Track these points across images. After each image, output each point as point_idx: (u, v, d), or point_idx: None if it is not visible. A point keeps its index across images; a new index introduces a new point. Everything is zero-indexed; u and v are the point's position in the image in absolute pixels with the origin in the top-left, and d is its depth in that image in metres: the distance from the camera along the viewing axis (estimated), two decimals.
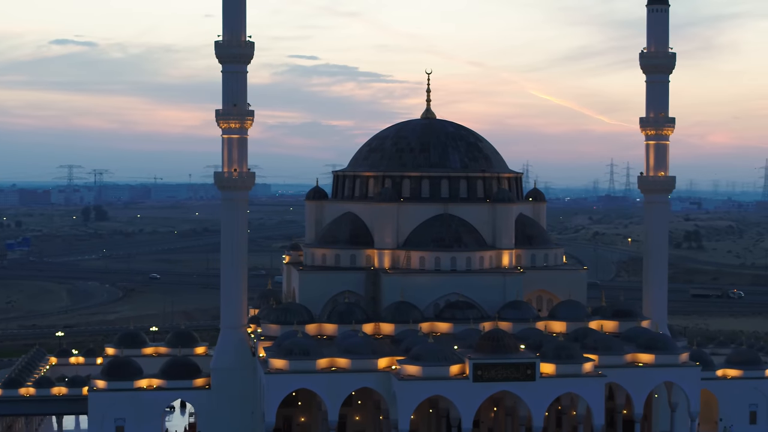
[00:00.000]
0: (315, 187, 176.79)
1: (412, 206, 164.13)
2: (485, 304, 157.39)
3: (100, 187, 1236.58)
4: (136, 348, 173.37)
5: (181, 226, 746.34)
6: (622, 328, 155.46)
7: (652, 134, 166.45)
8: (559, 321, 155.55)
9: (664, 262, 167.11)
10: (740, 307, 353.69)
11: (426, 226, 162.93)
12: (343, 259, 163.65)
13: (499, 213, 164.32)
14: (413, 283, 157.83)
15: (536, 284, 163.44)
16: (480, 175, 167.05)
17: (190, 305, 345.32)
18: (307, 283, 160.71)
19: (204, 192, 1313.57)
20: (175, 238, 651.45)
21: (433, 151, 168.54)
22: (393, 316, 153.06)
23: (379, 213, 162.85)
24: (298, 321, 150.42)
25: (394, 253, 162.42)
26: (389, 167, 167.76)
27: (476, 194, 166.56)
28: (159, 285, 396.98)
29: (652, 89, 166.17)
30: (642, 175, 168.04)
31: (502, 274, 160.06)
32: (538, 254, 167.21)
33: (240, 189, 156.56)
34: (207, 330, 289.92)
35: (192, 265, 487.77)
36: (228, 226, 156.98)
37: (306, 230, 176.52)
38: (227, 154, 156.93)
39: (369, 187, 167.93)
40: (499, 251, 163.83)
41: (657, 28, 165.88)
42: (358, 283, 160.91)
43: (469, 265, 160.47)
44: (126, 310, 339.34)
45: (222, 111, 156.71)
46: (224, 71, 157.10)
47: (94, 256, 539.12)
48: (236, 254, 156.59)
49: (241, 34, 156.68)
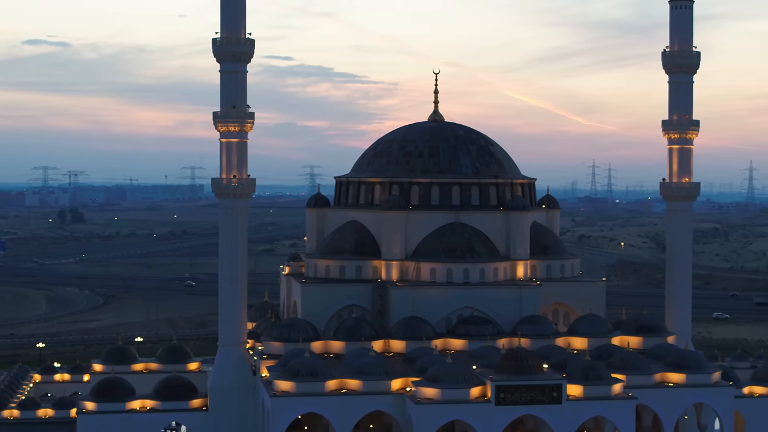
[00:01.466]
0: (316, 193, 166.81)
1: (422, 214, 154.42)
2: (500, 319, 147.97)
3: (75, 189, 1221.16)
4: (125, 364, 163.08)
5: (159, 229, 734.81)
6: (646, 345, 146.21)
7: (675, 138, 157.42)
8: (580, 337, 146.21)
9: (688, 273, 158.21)
10: (740, 313, 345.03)
11: (436, 236, 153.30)
12: (348, 270, 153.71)
13: (514, 221, 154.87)
14: (424, 297, 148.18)
15: (552, 297, 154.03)
16: (493, 181, 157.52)
17: (173, 312, 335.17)
18: (310, 296, 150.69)
19: (180, 193, 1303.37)
20: (154, 242, 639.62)
21: (443, 155, 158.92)
22: (404, 333, 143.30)
23: (387, 222, 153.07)
24: (302, 338, 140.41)
25: (403, 265, 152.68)
26: (396, 173, 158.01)
27: (489, 201, 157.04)
28: (140, 291, 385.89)
29: (676, 90, 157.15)
30: (664, 181, 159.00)
31: (518, 286, 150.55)
32: (554, 265, 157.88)
33: (240, 197, 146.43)
34: (193, 339, 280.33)
35: (172, 270, 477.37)
36: (227, 236, 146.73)
37: (307, 240, 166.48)
38: (226, 159, 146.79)
39: (375, 194, 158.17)
40: (514, 262, 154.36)
41: (680, 25, 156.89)
42: (365, 297, 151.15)
43: (482, 277, 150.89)
44: (107, 317, 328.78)
45: (220, 113, 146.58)
46: (222, 71, 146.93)
47: (71, 260, 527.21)
48: (236, 266, 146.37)
49: (241, 31, 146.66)
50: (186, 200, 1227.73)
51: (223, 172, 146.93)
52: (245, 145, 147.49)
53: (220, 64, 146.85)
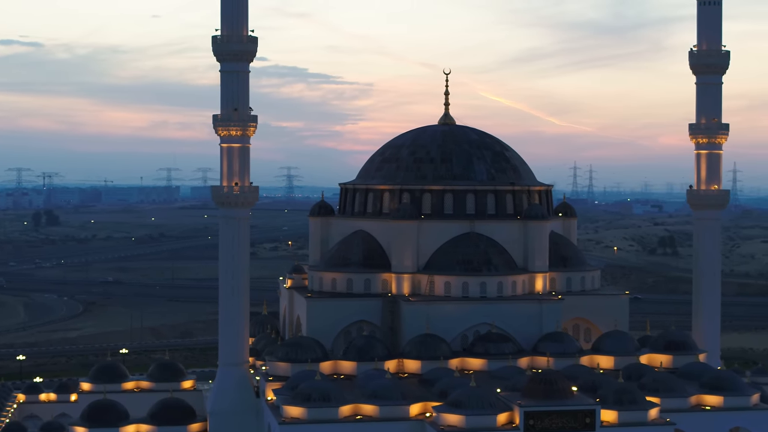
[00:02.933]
0: (320, 201, 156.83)
1: (434, 224, 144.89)
2: (519, 336, 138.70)
3: (50, 190, 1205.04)
4: (115, 383, 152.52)
5: (136, 232, 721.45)
6: (677, 363, 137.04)
7: (703, 143, 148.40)
8: (606, 355, 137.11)
9: (717, 286, 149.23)
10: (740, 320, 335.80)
11: (450, 247, 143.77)
12: (356, 284, 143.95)
13: (532, 231, 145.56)
14: (438, 312, 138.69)
15: (572, 311, 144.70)
16: (509, 188, 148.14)
17: (156, 320, 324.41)
18: (316, 311, 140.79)
19: (156, 195, 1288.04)
20: (132, 245, 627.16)
21: (456, 161, 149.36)
22: (419, 352, 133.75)
23: (397, 232, 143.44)
24: (311, 358, 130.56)
25: (415, 278, 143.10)
26: (406, 179, 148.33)
27: (505, 210, 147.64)
28: (121, 298, 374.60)
29: (704, 92, 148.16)
30: (692, 188, 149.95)
31: (538, 301, 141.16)
32: (574, 277, 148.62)
33: (242, 206, 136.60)
34: (179, 350, 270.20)
35: (152, 274, 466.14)
36: (227, 248, 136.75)
37: (310, 250, 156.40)
38: (227, 166, 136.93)
39: (383, 202, 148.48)
40: (532, 275, 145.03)
41: (708, 23, 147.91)
42: (374, 312, 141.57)
43: (500, 291, 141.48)
44: (88, 326, 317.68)
45: (221, 116, 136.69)
46: (223, 71, 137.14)
47: (48, 264, 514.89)
48: (238, 279, 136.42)
49: (243, 27, 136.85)
50: (162, 202, 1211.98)
51: (223, 180, 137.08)
52: (247, 150, 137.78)
53: (221, 64, 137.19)
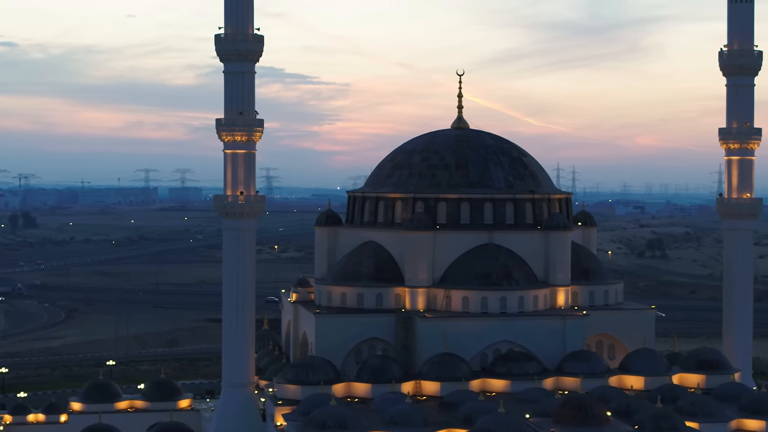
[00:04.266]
0: (327, 209, 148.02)
1: (450, 235, 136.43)
2: (542, 354, 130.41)
3: (26, 192, 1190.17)
4: (108, 402, 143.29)
5: (115, 234, 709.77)
6: (710, 383, 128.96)
7: (735, 148, 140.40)
8: (636, 375, 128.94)
9: (749, 300, 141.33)
10: None
11: (467, 259, 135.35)
12: (368, 299, 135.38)
13: (553, 242, 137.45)
14: (455, 329, 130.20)
15: (596, 327, 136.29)
16: (528, 196, 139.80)
17: (141, 328, 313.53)
18: (325, 329, 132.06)
19: (134, 196, 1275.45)
20: (112, 248, 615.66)
21: (472, 168, 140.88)
22: (437, 372, 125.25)
23: (411, 243, 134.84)
24: (322, 380, 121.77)
25: (430, 292, 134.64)
26: (420, 187, 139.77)
27: (524, 220, 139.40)
28: (104, 304, 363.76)
29: (735, 94, 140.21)
30: (721, 197, 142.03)
31: (561, 317, 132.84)
32: (597, 291, 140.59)
33: (247, 216, 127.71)
34: (166, 360, 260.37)
35: (134, 279, 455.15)
36: (232, 261, 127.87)
37: (316, 262, 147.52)
38: (231, 173, 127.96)
39: (395, 212, 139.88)
40: (554, 288, 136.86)
41: (740, 22, 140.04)
42: (387, 329, 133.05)
43: (521, 307, 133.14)
44: (71, 334, 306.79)
45: (225, 120, 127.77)
46: (227, 72, 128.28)
47: (27, 268, 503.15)
48: (242, 297, 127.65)
49: (248, 25, 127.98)
50: (140, 203, 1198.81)
51: (227, 188, 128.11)
52: (253, 156, 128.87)
53: (224, 64, 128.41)
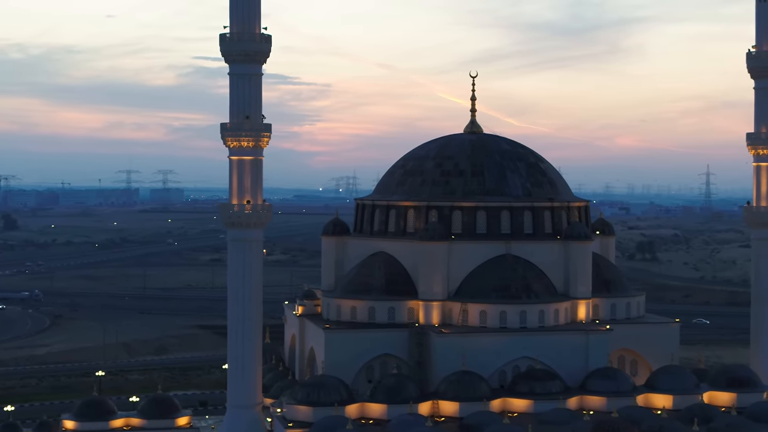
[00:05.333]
0: (334, 218, 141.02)
1: (466, 245, 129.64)
2: (563, 372, 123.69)
3: (6, 193, 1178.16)
4: (103, 420, 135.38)
5: (97, 236, 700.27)
6: (741, 402, 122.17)
7: (764, 154, 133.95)
8: (664, 393, 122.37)
9: None
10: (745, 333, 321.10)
11: (485, 271, 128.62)
12: (379, 313, 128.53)
13: (574, 253, 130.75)
14: (473, 346, 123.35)
15: (618, 342, 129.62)
16: (547, 204, 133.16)
17: (128, 335, 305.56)
18: (335, 344, 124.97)
19: (115, 198, 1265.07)
20: (95, 251, 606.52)
21: (488, 174, 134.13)
22: (455, 392, 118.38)
23: (425, 254, 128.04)
24: (335, 401, 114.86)
25: (445, 306, 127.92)
26: (433, 195, 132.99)
27: (543, 229, 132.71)
28: (89, 310, 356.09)
29: (764, 97, 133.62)
30: (749, 205, 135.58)
31: (584, 332, 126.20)
32: (618, 304, 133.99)
33: (254, 226, 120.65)
34: (156, 369, 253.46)
35: (118, 282, 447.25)
36: (238, 274, 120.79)
37: (322, 274, 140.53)
38: (237, 181, 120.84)
39: (408, 221, 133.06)
40: (574, 301, 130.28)
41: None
42: (399, 345, 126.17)
43: (541, 321, 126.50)
44: (57, 342, 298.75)
45: (230, 125, 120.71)
46: (233, 73, 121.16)
47: (8, 272, 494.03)
48: (249, 312, 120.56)
49: (255, 25, 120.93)
50: (121, 205, 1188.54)
51: (233, 197, 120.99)
52: (260, 163, 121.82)
53: (230, 66, 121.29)
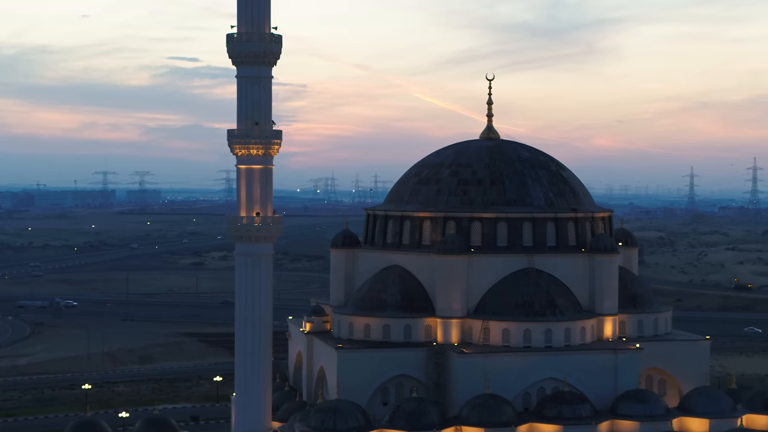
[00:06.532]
0: (344, 230, 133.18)
1: (486, 259, 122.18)
2: (591, 393, 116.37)
3: None
4: None
5: (75, 239, 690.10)
6: None
7: None
8: (699, 417, 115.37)
9: None
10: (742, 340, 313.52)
11: (506, 286, 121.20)
12: (395, 331, 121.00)
13: (600, 267, 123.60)
14: (496, 366, 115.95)
15: (646, 361, 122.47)
16: (571, 215, 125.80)
17: (112, 344, 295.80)
18: (349, 365, 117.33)
19: (91, 199, 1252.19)
20: (73, 254, 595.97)
21: (508, 183, 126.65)
22: (480, 417, 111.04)
23: (443, 268, 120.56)
24: (353, 427, 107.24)
25: (465, 323, 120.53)
26: (450, 205, 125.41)
27: (566, 241, 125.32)
28: (71, 317, 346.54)
29: None
30: None
31: (613, 351, 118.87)
32: (646, 320, 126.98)
33: (264, 240, 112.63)
34: (143, 381, 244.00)
35: (99, 287, 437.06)
36: (246, 292, 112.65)
37: (331, 288, 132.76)
38: (245, 192, 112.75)
39: (423, 233, 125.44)
40: (600, 318, 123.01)
41: None
42: (417, 365, 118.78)
43: (567, 339, 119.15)
44: (39, 351, 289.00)
45: (238, 132, 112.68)
46: (240, 76, 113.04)
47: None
48: (258, 332, 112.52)
49: (265, 24, 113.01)
50: (98, 206, 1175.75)
51: (241, 209, 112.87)
52: (270, 173, 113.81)
53: (237, 68, 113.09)
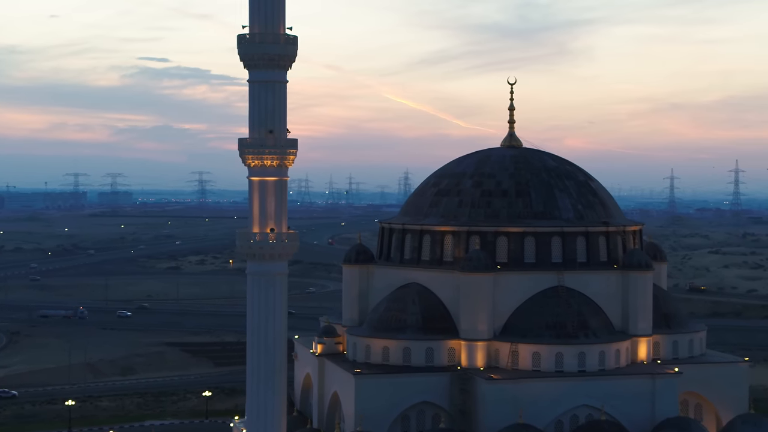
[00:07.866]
0: (357, 244, 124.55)
1: (513, 276, 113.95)
2: (628, 422, 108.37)
3: None
4: None
5: (47, 243, 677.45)
6: None
7: None
8: None
9: None
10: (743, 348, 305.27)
11: (535, 306, 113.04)
12: (416, 354, 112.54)
13: (633, 284, 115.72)
14: (526, 393, 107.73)
15: (682, 385, 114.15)
16: (602, 229, 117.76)
17: (93, 354, 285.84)
18: (367, 392, 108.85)
19: (62, 201, 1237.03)
20: (47, 258, 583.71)
21: (535, 195, 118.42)
22: None
23: (467, 287, 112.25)
24: None
25: (491, 346, 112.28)
26: (474, 219, 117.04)
27: (597, 257, 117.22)
28: (49, 326, 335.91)
29: None
30: None
31: (651, 375, 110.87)
32: (681, 341, 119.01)
33: (279, 258, 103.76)
34: (127, 395, 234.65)
35: (75, 294, 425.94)
36: (260, 314, 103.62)
37: (344, 307, 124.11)
38: (258, 206, 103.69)
39: (444, 248, 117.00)
40: (634, 339, 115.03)
41: None
42: (439, 391, 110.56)
43: (602, 363, 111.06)
44: (16, 362, 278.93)
45: (250, 140, 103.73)
46: (253, 81, 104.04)
47: None
48: (272, 357, 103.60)
49: (279, 24, 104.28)
50: (69, 208, 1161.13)
51: (254, 224, 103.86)
52: (285, 185, 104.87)
53: (249, 72, 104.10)
